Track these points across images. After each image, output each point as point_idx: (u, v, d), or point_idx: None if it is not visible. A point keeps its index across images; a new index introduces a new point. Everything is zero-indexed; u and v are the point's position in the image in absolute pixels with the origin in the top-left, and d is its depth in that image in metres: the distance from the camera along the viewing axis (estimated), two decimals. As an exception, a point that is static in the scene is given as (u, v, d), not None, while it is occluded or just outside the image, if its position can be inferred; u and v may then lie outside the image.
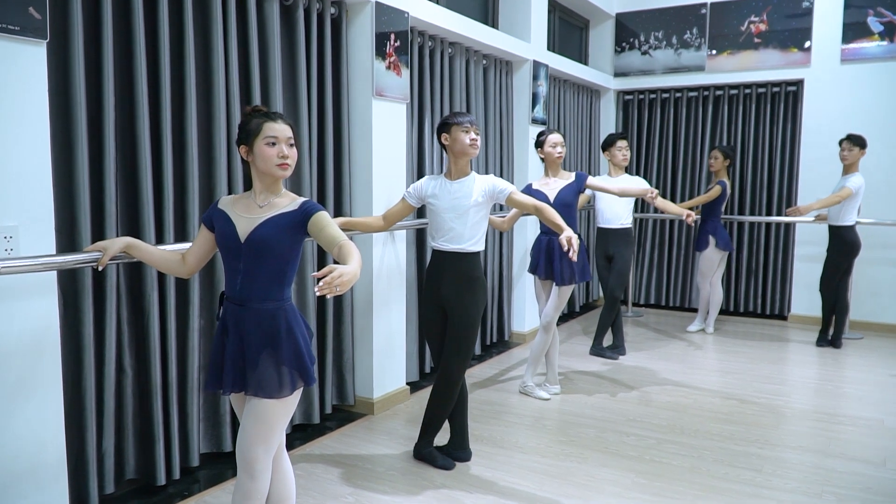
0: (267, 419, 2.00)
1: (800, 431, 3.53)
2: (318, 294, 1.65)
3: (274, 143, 2.01)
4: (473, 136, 2.95)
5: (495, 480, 2.94)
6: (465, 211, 2.93)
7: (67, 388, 2.40)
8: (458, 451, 3.14)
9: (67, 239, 2.41)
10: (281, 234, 2.01)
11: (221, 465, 3.05)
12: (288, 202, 2.06)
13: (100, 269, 2.14)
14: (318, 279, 1.69)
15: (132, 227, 2.65)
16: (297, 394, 2.07)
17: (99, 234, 2.52)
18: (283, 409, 2.02)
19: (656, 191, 3.92)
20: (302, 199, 2.07)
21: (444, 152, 3.09)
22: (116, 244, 2.11)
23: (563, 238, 2.78)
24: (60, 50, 2.36)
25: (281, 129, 2.02)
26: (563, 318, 6.41)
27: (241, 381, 2.05)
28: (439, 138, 3.01)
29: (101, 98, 2.49)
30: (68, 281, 2.42)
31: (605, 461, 3.14)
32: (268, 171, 2.03)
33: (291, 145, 2.05)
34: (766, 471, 3.05)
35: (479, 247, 2.99)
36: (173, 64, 2.75)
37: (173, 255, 2.18)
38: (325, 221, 1.99)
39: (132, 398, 2.69)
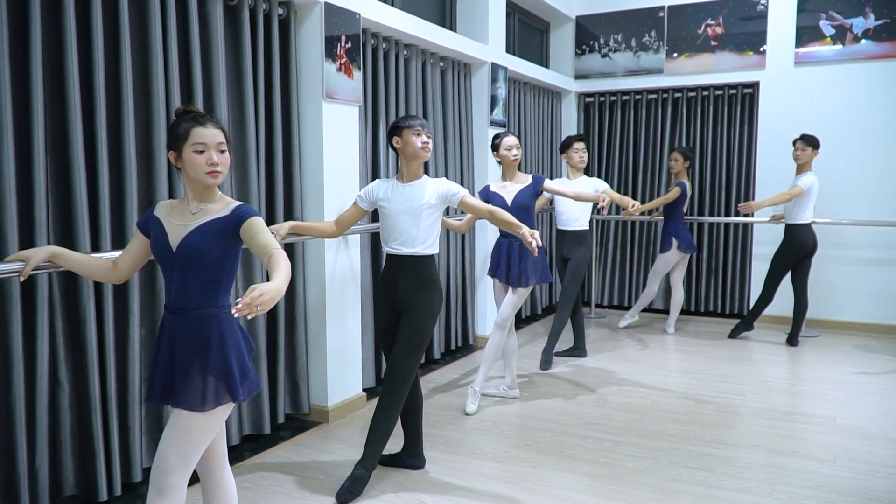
0: (187, 432, 1.90)
1: (753, 430, 3.55)
2: (235, 315, 1.57)
3: (202, 151, 1.92)
4: (425, 138, 2.90)
5: (449, 488, 2.89)
6: (418, 213, 2.88)
7: (-5, 404, 2.30)
8: (411, 459, 3.08)
9: (-7, 248, 2.30)
10: (212, 241, 1.93)
11: (167, 478, 2.96)
12: (221, 207, 1.97)
13: (21, 279, 2.04)
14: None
15: (65, 234, 2.55)
16: (225, 409, 1.96)
17: (28, 242, 2.41)
18: (206, 423, 1.92)
19: (608, 199, 3.84)
20: (236, 204, 1.98)
21: (397, 156, 3.04)
22: (40, 253, 2.01)
23: (524, 233, 2.72)
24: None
25: (210, 135, 1.92)
26: (526, 321, 6.40)
27: (169, 393, 1.97)
28: (390, 142, 2.96)
29: (30, 98, 2.38)
30: (-6, 291, 2.32)
31: (560, 465, 3.12)
32: (197, 179, 1.94)
33: (223, 151, 1.96)
34: (719, 471, 3.05)
35: (433, 250, 2.95)
36: (108, 65, 2.65)
37: (103, 263, 2.09)
38: (257, 228, 1.90)
39: (69, 411, 2.58)
